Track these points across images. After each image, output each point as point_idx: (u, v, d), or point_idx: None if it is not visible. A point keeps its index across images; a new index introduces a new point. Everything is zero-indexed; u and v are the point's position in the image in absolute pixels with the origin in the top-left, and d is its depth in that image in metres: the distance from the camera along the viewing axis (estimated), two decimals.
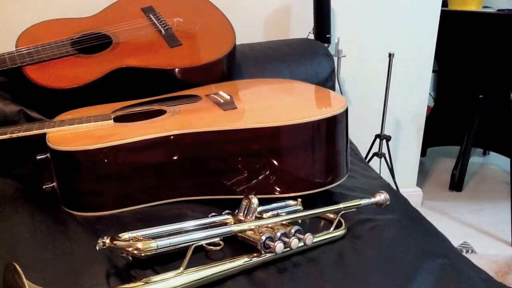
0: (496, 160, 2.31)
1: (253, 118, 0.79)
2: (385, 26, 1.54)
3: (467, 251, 1.55)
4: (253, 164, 0.76)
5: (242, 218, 0.66)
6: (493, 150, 2.16)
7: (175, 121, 0.81)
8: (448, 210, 1.85)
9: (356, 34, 1.52)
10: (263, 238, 0.59)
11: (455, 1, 1.97)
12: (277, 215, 0.68)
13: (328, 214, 0.73)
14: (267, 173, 0.76)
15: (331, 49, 1.39)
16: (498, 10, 1.97)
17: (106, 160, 0.73)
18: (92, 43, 1.04)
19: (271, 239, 0.59)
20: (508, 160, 1.88)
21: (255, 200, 0.66)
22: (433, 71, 1.70)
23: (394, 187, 1.37)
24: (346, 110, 0.81)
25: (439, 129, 2.12)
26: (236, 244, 0.64)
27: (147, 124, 0.80)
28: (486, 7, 2.09)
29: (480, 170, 2.24)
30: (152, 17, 1.11)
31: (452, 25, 1.88)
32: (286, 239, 0.60)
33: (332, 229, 0.70)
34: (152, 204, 0.78)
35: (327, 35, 1.39)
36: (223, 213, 0.69)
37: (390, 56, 1.48)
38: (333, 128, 0.79)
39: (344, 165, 0.82)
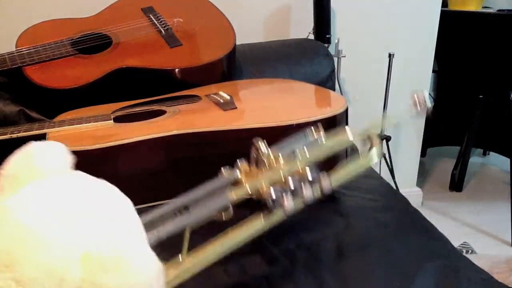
0: (496, 160, 2.31)
1: (253, 118, 0.79)
2: (385, 26, 1.54)
3: (467, 251, 1.55)
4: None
5: (254, 171, 0.56)
6: (493, 150, 2.16)
7: (175, 121, 0.81)
8: (448, 210, 1.85)
9: (356, 34, 1.52)
10: (270, 197, 0.52)
11: (455, 1, 1.97)
12: (295, 155, 0.58)
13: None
14: None
15: (331, 49, 1.39)
16: (498, 10, 1.97)
17: (106, 160, 0.73)
18: (92, 43, 1.04)
19: (281, 195, 0.52)
20: (508, 160, 1.88)
21: (262, 146, 0.56)
22: (433, 71, 1.70)
23: (394, 187, 1.37)
24: (346, 110, 0.81)
25: (439, 129, 2.12)
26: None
27: (147, 124, 0.80)
28: (486, 7, 2.09)
29: (480, 170, 2.24)
30: (152, 17, 1.11)
31: (452, 25, 1.88)
32: (299, 191, 0.53)
33: (361, 154, 0.62)
34: (152, 204, 0.78)
35: (327, 36, 1.39)
36: (224, 174, 0.59)
37: (390, 56, 1.48)
38: (333, 128, 0.79)
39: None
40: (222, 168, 0.58)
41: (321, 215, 0.75)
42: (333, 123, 0.78)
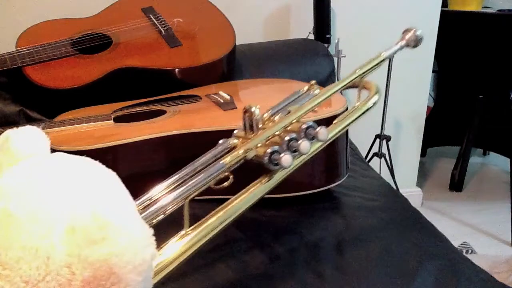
0: (496, 160, 2.31)
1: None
2: (385, 26, 1.54)
3: (467, 251, 1.55)
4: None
5: (250, 136, 0.54)
6: (493, 150, 2.16)
7: (175, 121, 0.81)
8: (448, 210, 1.85)
9: (356, 34, 1.52)
10: (267, 155, 0.50)
11: (455, 1, 1.97)
12: (288, 112, 0.57)
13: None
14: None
15: (331, 49, 1.39)
16: (498, 10, 1.97)
17: (106, 160, 0.73)
18: (92, 43, 1.04)
19: (277, 152, 0.50)
20: (508, 160, 1.88)
21: (255, 109, 0.53)
22: (433, 71, 1.70)
23: (394, 187, 1.37)
24: (346, 110, 0.81)
25: (439, 129, 2.12)
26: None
27: (147, 124, 0.80)
28: (486, 7, 2.09)
29: (480, 170, 2.24)
30: (152, 17, 1.11)
31: (452, 25, 1.88)
32: (295, 144, 0.51)
33: (358, 101, 0.61)
34: None
35: (327, 36, 1.39)
36: (220, 143, 0.56)
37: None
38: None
39: (344, 165, 0.82)
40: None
41: (321, 215, 0.75)
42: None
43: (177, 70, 1.02)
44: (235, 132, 0.56)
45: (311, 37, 1.42)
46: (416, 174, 1.83)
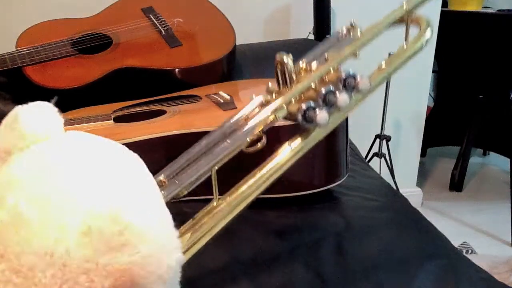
0: (496, 160, 2.31)
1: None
2: None
3: (467, 251, 1.55)
4: (253, 163, 0.76)
5: (284, 91, 0.47)
6: (493, 150, 2.16)
7: (175, 121, 0.81)
8: (448, 210, 1.85)
9: None
10: (300, 112, 0.44)
11: (455, 1, 1.97)
12: (325, 60, 0.50)
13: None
14: None
15: None
16: (498, 10, 1.97)
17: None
18: (92, 43, 1.04)
19: (312, 108, 0.44)
20: (508, 160, 1.88)
21: (287, 60, 0.47)
22: (433, 71, 1.70)
23: (394, 187, 1.37)
24: None
25: (439, 129, 2.12)
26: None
27: (147, 124, 0.80)
28: (486, 7, 2.09)
29: (480, 170, 2.24)
30: (152, 17, 1.11)
31: (452, 25, 1.88)
32: (333, 99, 0.44)
33: (406, 40, 0.54)
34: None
35: (327, 36, 1.39)
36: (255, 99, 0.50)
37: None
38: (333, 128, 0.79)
39: (344, 165, 0.82)
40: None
41: (321, 215, 0.75)
42: None
43: (177, 70, 1.02)
44: (269, 86, 0.49)
45: (311, 37, 1.42)
46: (416, 174, 1.83)
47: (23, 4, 1.23)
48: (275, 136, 0.50)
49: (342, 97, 0.44)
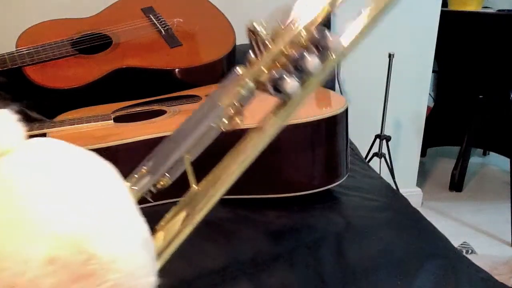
0: (496, 160, 2.31)
1: (253, 118, 0.79)
2: (385, 26, 1.54)
3: (467, 251, 1.55)
4: (252, 163, 0.76)
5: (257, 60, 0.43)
6: (493, 150, 2.16)
7: (175, 121, 0.81)
8: (448, 210, 1.85)
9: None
10: (269, 82, 0.41)
11: (455, 1, 1.97)
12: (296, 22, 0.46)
13: None
14: (266, 172, 0.76)
15: None
16: (498, 10, 1.97)
17: (106, 160, 0.73)
18: (92, 43, 1.04)
19: (281, 77, 0.40)
20: (508, 160, 1.88)
21: (258, 26, 0.43)
22: (433, 71, 1.70)
23: (394, 187, 1.37)
24: (346, 110, 0.81)
25: (439, 129, 2.12)
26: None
27: (147, 124, 0.80)
28: (486, 7, 2.09)
29: (480, 170, 2.24)
30: (152, 17, 1.11)
31: (452, 25, 1.88)
32: (303, 66, 0.40)
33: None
34: (152, 204, 0.78)
35: None
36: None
37: (390, 56, 1.48)
38: (333, 128, 0.79)
39: (344, 165, 0.82)
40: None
41: (321, 215, 0.75)
42: (333, 123, 0.78)
43: (177, 70, 1.02)
44: (250, 55, 0.44)
45: None
46: (416, 174, 1.83)
47: (23, 4, 1.23)
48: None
49: (312, 61, 0.41)
